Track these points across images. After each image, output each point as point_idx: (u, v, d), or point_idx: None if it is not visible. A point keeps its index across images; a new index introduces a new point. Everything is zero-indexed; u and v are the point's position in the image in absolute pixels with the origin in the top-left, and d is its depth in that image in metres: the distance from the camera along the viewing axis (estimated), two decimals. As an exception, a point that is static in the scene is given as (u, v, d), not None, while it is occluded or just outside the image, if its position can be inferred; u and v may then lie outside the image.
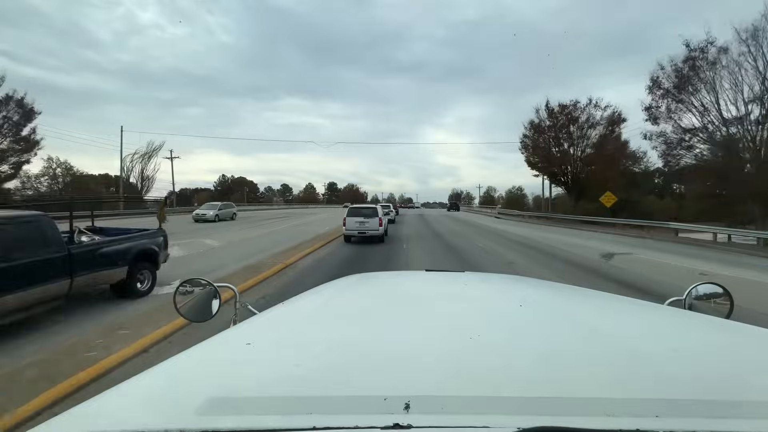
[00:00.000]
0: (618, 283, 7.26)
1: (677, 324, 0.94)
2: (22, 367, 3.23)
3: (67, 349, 3.64)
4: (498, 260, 9.93)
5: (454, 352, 0.68)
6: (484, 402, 0.52)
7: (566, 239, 15.77)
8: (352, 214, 13.16)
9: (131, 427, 0.48)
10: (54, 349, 3.64)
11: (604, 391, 0.55)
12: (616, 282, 7.43)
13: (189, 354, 0.73)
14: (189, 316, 1.32)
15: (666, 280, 7.69)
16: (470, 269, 5.52)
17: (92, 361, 3.33)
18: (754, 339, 0.81)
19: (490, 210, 52.70)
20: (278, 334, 0.86)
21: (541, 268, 9.03)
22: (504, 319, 0.94)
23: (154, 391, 0.60)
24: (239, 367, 0.66)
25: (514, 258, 10.32)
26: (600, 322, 0.94)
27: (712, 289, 1.26)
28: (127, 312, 4.83)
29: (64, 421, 0.53)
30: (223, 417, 0.49)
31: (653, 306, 1.13)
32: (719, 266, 9.61)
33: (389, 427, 0.46)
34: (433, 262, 9.58)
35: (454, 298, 1.18)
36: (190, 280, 1.35)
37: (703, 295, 1.26)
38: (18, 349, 3.62)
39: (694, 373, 0.63)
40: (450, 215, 41.20)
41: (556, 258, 10.70)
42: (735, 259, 11.60)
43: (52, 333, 4.05)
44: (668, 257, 11.03)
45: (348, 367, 0.64)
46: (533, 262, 9.96)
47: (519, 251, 11.84)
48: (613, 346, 0.74)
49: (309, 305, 1.16)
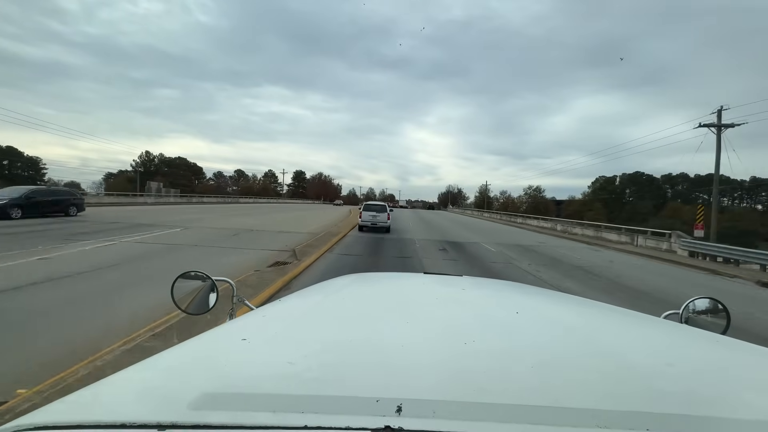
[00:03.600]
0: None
1: (673, 338, 0.93)
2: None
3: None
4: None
5: (449, 357, 0.68)
6: (477, 408, 0.52)
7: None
8: (367, 209, 17.22)
9: (124, 419, 0.48)
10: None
11: (596, 403, 0.55)
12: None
13: (184, 347, 0.74)
14: (186, 309, 1.30)
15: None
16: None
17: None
18: (750, 356, 0.81)
19: (492, 215, 43.55)
20: (274, 331, 0.84)
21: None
22: (500, 326, 0.92)
23: (149, 383, 0.60)
24: (234, 363, 0.65)
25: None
26: (595, 333, 0.92)
27: (709, 304, 1.26)
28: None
29: (58, 408, 0.53)
30: (215, 412, 0.49)
31: (649, 318, 1.13)
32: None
33: (380, 429, 0.47)
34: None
35: (450, 302, 1.16)
36: (188, 273, 1.33)
37: (700, 309, 1.26)
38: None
39: (687, 388, 0.62)
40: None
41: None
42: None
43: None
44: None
45: (342, 368, 0.63)
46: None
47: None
48: (607, 358, 0.73)
49: (305, 303, 1.15)
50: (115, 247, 8.62)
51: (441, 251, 11.79)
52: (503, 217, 44.85)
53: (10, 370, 2.92)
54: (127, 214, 18.01)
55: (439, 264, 9.39)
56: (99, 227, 12.32)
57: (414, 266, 8.79)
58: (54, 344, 3.40)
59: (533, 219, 35.90)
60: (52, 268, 6.18)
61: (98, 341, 3.46)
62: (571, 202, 75.73)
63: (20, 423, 0.49)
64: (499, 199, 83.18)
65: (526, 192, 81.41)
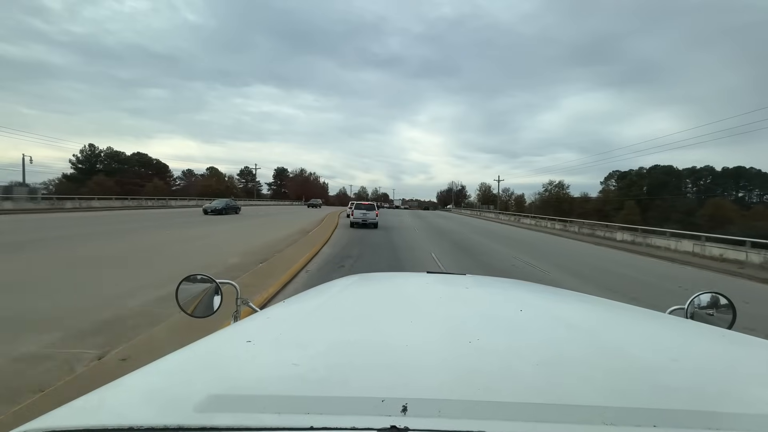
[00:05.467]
0: None
1: (678, 333, 0.93)
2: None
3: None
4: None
5: (453, 356, 0.68)
6: (482, 407, 0.52)
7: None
8: (358, 208, 19.17)
9: (131, 422, 0.48)
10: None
11: (602, 399, 0.55)
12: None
13: (190, 350, 0.74)
14: (191, 312, 1.30)
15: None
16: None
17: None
18: (756, 351, 0.80)
19: (509, 217, 32.70)
20: (278, 333, 0.84)
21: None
22: (504, 324, 0.92)
23: (154, 386, 0.61)
24: (239, 365, 0.66)
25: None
26: (600, 329, 0.92)
27: (714, 299, 1.24)
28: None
29: (64, 413, 0.53)
30: (221, 414, 0.50)
31: (654, 314, 1.12)
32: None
33: (386, 429, 0.47)
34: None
35: (454, 301, 1.17)
36: (192, 276, 1.33)
37: (705, 304, 1.25)
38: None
39: (693, 384, 0.62)
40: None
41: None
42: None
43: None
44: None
45: (346, 368, 0.63)
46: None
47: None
48: (612, 354, 0.73)
49: (309, 305, 1.15)
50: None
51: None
52: (522, 219, 35.13)
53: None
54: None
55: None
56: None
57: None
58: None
59: (569, 222, 26.13)
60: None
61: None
62: (587, 200, 66.20)
63: (28, 428, 0.49)
64: (508, 197, 72.62)
65: (546, 188, 71.20)
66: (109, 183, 48.26)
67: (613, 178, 73.12)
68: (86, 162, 54.86)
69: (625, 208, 50.56)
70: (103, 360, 3.45)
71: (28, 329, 4.12)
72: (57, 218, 19.43)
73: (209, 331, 0.88)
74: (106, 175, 51.73)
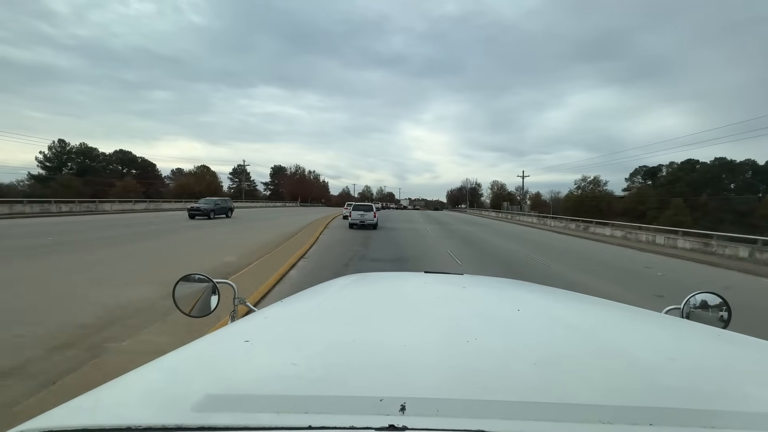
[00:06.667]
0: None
1: (675, 333, 0.93)
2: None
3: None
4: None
5: (451, 355, 0.68)
6: (480, 406, 0.52)
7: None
8: (356, 209, 18.54)
9: (128, 422, 0.48)
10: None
11: (599, 398, 0.55)
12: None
13: (187, 349, 0.74)
14: (187, 311, 1.29)
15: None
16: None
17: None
18: (751, 350, 0.81)
19: (555, 222, 23.66)
20: (276, 332, 0.84)
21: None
22: (501, 323, 0.92)
23: (152, 386, 0.61)
24: (237, 365, 0.65)
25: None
26: (598, 329, 0.92)
27: (710, 299, 1.25)
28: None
29: (61, 413, 0.53)
30: (219, 414, 0.49)
31: (651, 314, 1.12)
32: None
33: (384, 428, 0.47)
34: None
35: (452, 300, 1.17)
36: (189, 276, 1.32)
37: (701, 304, 1.25)
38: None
39: (690, 383, 0.63)
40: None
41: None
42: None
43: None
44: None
45: (345, 367, 0.63)
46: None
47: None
48: (610, 353, 0.73)
49: (307, 304, 1.14)
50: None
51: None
52: (569, 224, 28.82)
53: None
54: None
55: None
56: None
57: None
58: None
59: (664, 233, 19.47)
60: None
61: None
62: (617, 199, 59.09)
63: (24, 428, 0.49)
64: (522, 196, 64.77)
65: (578, 185, 63.73)
66: (76, 183, 42.46)
67: (638, 174, 66.46)
68: (55, 160, 48.83)
69: (671, 207, 43.68)
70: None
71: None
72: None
73: (207, 330, 0.71)
74: (77, 175, 46.12)
